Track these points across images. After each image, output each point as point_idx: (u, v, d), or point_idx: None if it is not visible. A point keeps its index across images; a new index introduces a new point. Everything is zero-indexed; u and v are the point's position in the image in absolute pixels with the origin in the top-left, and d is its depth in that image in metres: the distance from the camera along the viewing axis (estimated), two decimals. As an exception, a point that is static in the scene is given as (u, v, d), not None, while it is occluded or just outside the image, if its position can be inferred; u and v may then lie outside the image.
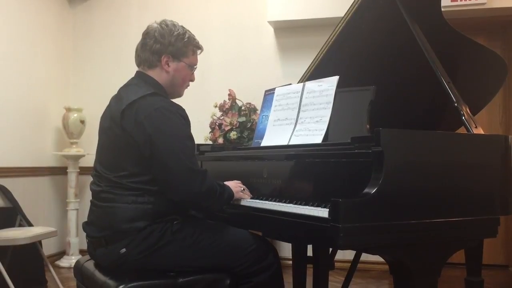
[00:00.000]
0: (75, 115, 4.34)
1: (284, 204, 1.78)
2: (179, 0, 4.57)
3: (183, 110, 1.86)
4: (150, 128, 1.75)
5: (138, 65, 1.99)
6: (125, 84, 1.97)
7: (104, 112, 1.97)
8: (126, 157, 1.80)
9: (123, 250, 1.76)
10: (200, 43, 2.02)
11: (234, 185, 1.98)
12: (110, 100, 1.96)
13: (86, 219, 1.95)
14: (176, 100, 1.97)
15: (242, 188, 2.00)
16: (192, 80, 2.03)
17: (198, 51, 2.01)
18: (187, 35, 1.94)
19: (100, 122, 1.97)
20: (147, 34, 1.94)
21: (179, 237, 1.80)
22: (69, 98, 4.70)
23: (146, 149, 1.76)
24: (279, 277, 1.91)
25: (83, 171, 4.39)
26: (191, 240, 1.81)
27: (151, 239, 1.77)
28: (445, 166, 1.66)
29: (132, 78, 1.99)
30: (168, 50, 1.91)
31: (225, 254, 1.84)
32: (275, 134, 2.19)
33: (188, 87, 2.06)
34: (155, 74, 1.94)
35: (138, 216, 1.77)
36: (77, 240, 4.31)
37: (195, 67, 2.01)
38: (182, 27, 1.96)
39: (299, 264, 2.48)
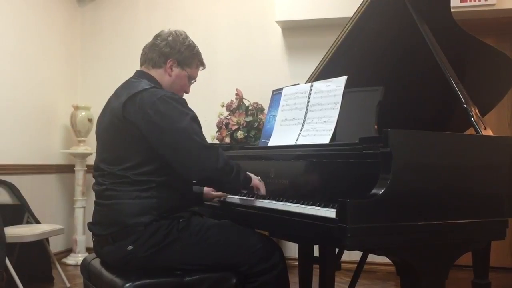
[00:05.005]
0: (83, 113, 4.35)
1: (291, 204, 1.77)
2: (187, 0, 4.58)
3: (185, 100, 1.89)
4: (156, 116, 1.77)
5: (143, 63, 2.02)
6: (123, 83, 1.99)
7: (101, 113, 2.00)
8: (130, 148, 1.82)
9: (130, 247, 1.77)
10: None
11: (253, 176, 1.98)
12: (109, 99, 1.99)
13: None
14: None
15: (259, 178, 1.99)
16: (187, 92, 2.07)
17: (201, 67, 2.08)
18: (196, 49, 2.04)
19: (98, 124, 2.01)
20: (159, 36, 2.00)
21: (185, 234, 1.81)
22: (77, 97, 4.73)
23: (151, 137, 1.78)
24: (285, 277, 1.91)
25: (90, 169, 4.39)
26: (197, 238, 1.82)
27: (158, 237, 1.77)
28: (454, 167, 1.65)
29: (131, 77, 2.01)
30: (176, 56, 1.97)
31: (230, 252, 1.84)
32: (283, 134, 2.18)
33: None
34: (157, 74, 1.98)
35: (143, 210, 1.79)
36: (83, 238, 4.33)
37: (193, 80, 2.07)
38: (193, 41, 2.03)
39: (305, 265, 2.48)
